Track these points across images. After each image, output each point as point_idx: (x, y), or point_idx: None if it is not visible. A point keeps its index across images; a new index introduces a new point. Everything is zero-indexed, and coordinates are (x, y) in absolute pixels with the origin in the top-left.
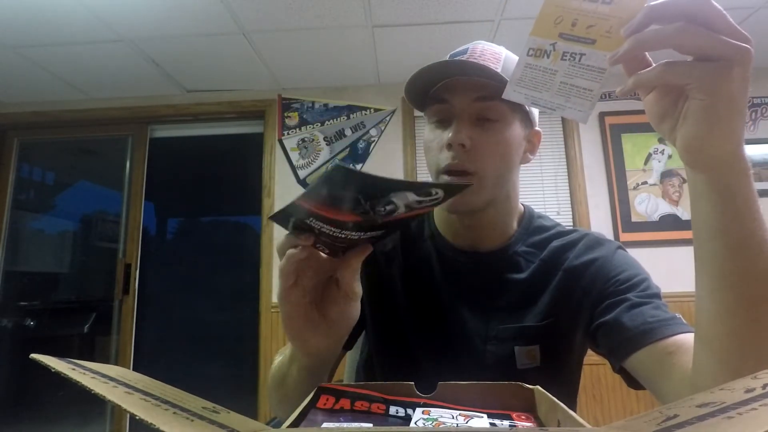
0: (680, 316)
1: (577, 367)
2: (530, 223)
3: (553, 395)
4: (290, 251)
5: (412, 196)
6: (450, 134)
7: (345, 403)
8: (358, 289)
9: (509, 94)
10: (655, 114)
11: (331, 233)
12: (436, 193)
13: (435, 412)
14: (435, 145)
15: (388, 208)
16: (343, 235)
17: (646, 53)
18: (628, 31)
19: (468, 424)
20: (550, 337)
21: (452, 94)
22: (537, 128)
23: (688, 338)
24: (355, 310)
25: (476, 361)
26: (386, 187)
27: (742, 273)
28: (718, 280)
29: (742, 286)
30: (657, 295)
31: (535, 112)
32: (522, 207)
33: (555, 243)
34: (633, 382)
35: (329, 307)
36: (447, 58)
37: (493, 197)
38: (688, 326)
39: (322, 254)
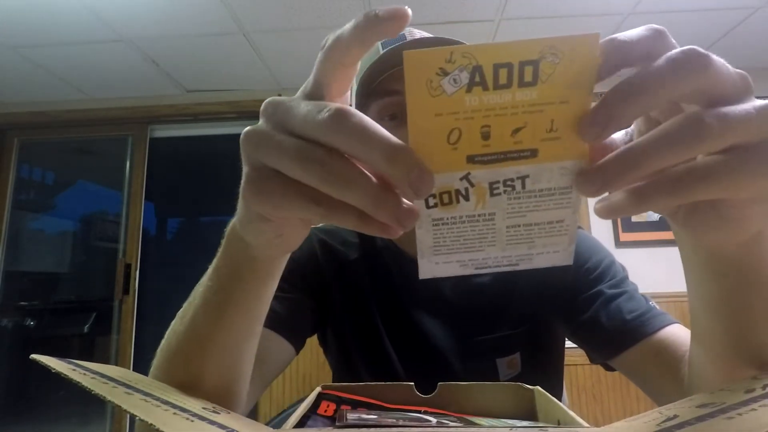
0: (655, 304)
1: (559, 360)
2: None
3: None
4: None
5: None
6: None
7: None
8: None
9: (427, 271)
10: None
11: None
12: None
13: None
14: None
15: None
16: None
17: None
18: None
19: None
20: (529, 342)
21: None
22: None
23: (671, 332)
24: None
25: (456, 379)
26: None
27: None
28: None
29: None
30: (626, 278)
31: None
32: None
33: None
34: (610, 368)
35: None
36: (381, 48)
37: None
38: (668, 316)
39: None
